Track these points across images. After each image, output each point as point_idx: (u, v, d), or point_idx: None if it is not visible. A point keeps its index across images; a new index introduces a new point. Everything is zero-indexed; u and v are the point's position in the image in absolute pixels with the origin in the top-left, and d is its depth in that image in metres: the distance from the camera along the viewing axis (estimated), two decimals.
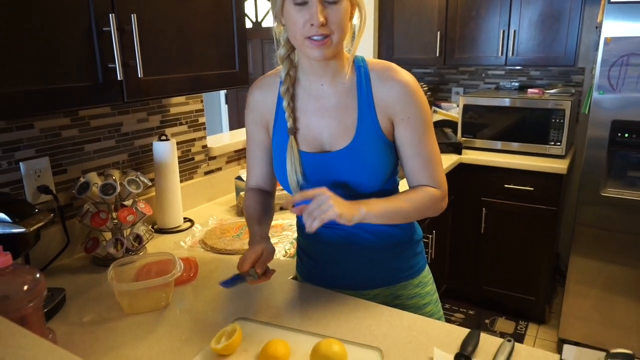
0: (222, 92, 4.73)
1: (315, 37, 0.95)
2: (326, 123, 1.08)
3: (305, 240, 1.23)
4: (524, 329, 2.79)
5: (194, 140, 1.88)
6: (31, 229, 1.02)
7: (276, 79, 1.12)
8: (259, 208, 1.20)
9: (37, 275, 0.87)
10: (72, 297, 1.19)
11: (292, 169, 1.09)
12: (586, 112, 2.37)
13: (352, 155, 1.06)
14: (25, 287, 0.84)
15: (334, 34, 0.96)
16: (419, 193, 1.07)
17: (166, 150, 1.60)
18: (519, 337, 2.70)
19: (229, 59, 1.45)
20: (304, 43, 0.97)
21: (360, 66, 1.07)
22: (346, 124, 1.07)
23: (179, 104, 1.79)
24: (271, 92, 1.13)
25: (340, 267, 1.19)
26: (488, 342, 0.98)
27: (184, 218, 1.73)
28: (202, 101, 1.89)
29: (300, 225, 1.24)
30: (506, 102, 2.74)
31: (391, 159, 1.09)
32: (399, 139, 1.07)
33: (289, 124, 1.09)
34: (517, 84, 3.14)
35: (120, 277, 1.15)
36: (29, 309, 0.84)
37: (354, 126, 1.06)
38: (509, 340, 0.96)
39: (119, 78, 1.11)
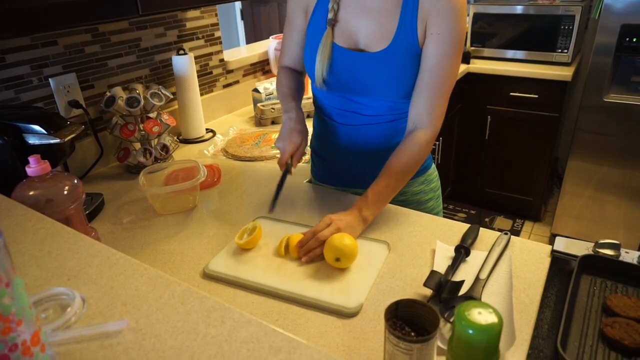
0: (238, 9, 4.49)
1: None
2: (365, 23, 1.02)
3: (319, 143, 1.22)
4: (520, 226, 2.84)
5: (211, 54, 1.81)
6: (65, 140, 1.03)
7: None
8: (292, 85, 1.17)
9: (75, 181, 0.88)
10: (110, 201, 1.23)
11: (321, 62, 1.04)
12: (596, 17, 2.21)
13: (385, 60, 1.01)
14: (66, 191, 0.86)
15: None
16: (408, 154, 1.03)
17: (185, 64, 1.55)
18: (515, 233, 2.75)
19: None
20: None
21: None
22: (386, 28, 1.00)
23: (195, 18, 1.71)
24: None
25: (351, 167, 1.18)
26: (486, 236, 1.00)
27: (206, 129, 1.72)
28: (216, 15, 1.80)
29: (314, 127, 1.22)
30: (516, 9, 2.55)
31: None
32: (423, 52, 1.00)
33: (330, 15, 1.03)
34: None
35: (151, 182, 1.17)
36: (71, 211, 0.87)
37: (392, 32, 0.99)
38: (506, 234, 0.97)
39: None
